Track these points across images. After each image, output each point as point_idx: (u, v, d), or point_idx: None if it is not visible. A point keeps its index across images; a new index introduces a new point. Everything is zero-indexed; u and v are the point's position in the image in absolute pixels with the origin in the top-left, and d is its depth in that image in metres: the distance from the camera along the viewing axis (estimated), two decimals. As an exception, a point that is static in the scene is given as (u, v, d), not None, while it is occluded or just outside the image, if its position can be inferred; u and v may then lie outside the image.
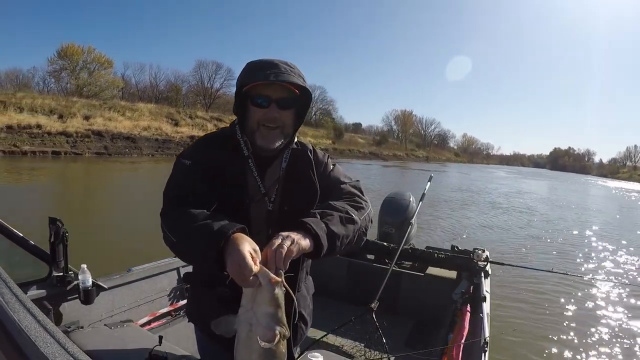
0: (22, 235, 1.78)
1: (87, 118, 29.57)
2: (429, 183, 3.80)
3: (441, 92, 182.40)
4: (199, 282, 1.23)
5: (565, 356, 4.01)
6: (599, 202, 24.19)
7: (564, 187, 35.90)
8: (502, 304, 4.94)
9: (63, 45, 41.13)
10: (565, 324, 4.72)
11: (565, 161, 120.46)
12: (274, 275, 0.80)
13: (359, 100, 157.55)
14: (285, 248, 0.85)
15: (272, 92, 1.08)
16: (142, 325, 2.25)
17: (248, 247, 0.83)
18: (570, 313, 5.05)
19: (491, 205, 16.57)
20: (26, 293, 1.73)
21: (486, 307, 2.45)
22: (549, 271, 3.36)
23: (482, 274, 2.92)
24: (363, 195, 1.21)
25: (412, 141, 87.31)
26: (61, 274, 1.91)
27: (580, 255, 8.56)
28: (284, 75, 1.05)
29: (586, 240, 10.41)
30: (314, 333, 2.50)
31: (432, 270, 3.36)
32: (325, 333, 2.32)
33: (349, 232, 1.04)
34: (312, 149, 1.27)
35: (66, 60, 41.08)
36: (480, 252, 3.10)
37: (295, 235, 0.90)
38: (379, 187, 17.22)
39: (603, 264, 7.84)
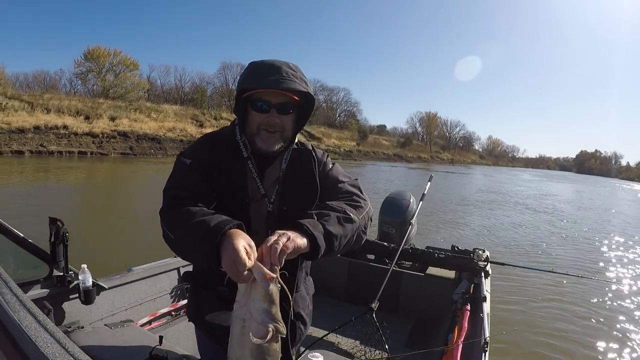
0: (22, 235, 1.78)
1: (113, 119, 30.42)
2: (429, 183, 3.80)
3: (466, 93, 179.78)
4: (199, 281, 1.23)
5: (566, 356, 4.01)
6: (621, 204, 24.06)
7: (589, 190, 35.54)
8: (503, 304, 4.94)
9: (89, 48, 42.32)
10: (566, 325, 4.71)
11: (591, 164, 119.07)
12: (268, 271, 0.79)
13: (384, 102, 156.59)
14: (281, 244, 0.84)
15: (272, 97, 1.08)
16: (143, 325, 2.25)
17: (243, 242, 0.82)
18: (572, 314, 5.04)
19: (514, 205, 16.81)
20: (26, 293, 1.74)
21: (486, 307, 2.44)
22: (550, 271, 3.35)
23: (483, 274, 2.92)
24: (362, 193, 1.20)
25: (436, 143, 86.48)
26: (61, 274, 1.91)
27: (598, 256, 8.51)
28: (286, 82, 1.04)
29: (604, 242, 10.33)
30: (314, 333, 2.50)
31: (432, 270, 3.35)
32: (326, 333, 2.32)
33: (347, 232, 1.03)
34: (312, 148, 1.27)
35: (92, 63, 42.08)
36: (480, 252, 3.10)
37: (291, 233, 0.89)
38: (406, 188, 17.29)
39: (618, 265, 7.82)
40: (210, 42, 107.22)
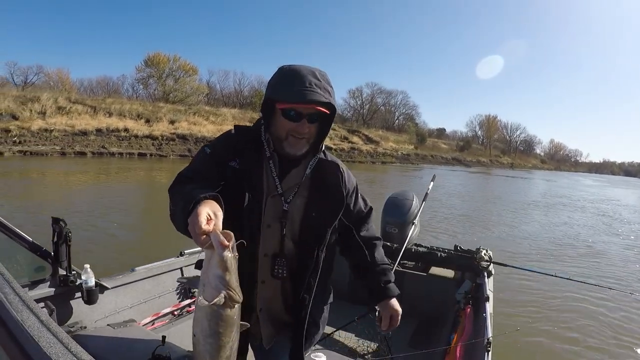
0: (25, 235, 1.78)
1: (172, 122, 31.85)
2: (432, 183, 3.79)
3: (527, 95, 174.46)
4: None
5: (568, 357, 3.99)
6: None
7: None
8: (506, 304, 4.92)
9: (149, 54, 43.82)
10: (569, 326, 4.69)
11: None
12: (223, 238, 0.81)
13: (445, 105, 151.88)
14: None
15: (304, 108, 1.11)
16: (145, 325, 2.26)
17: (207, 209, 0.87)
18: (575, 316, 5.01)
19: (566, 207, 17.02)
20: (29, 293, 1.74)
21: (489, 307, 2.44)
22: (552, 275, 3.32)
23: (485, 274, 2.91)
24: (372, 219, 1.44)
25: (496, 147, 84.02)
26: (64, 273, 1.91)
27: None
28: (309, 94, 1.08)
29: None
30: None
31: (435, 270, 3.35)
32: (329, 333, 2.32)
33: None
34: (341, 164, 1.32)
35: (153, 68, 43.55)
36: (483, 252, 3.09)
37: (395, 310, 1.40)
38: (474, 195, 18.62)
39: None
40: (268, 47, 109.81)
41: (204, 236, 0.83)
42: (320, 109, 1.10)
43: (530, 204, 17.69)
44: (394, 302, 1.36)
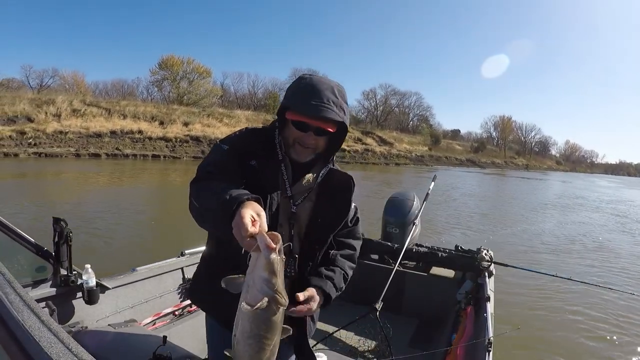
0: (26, 235, 1.78)
1: (186, 124, 32.32)
2: (432, 183, 3.78)
3: (543, 96, 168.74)
4: (222, 262, 1.24)
5: (569, 357, 3.98)
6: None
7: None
8: (507, 304, 4.91)
9: (163, 57, 44.47)
10: (570, 327, 4.68)
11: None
12: (270, 241, 0.81)
13: (459, 106, 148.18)
14: (310, 309, 1.16)
15: (312, 120, 1.13)
16: (146, 325, 2.26)
17: (251, 210, 0.87)
18: (575, 316, 5.01)
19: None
20: (30, 293, 1.75)
21: (490, 307, 2.43)
22: (553, 275, 3.32)
23: (486, 274, 2.91)
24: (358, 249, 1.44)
25: (511, 148, 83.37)
26: (65, 273, 1.92)
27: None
28: (324, 110, 1.10)
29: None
30: (318, 333, 2.50)
31: (436, 270, 3.34)
32: (330, 333, 2.32)
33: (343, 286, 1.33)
34: (353, 179, 1.34)
35: (167, 71, 44.03)
36: (484, 252, 3.08)
37: (316, 303, 1.20)
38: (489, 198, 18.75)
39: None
40: (282, 49, 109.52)
41: (250, 239, 0.82)
42: (328, 128, 1.13)
43: (546, 204, 17.90)
44: (317, 297, 1.20)
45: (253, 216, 0.86)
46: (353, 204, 1.35)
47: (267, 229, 0.86)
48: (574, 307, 5.20)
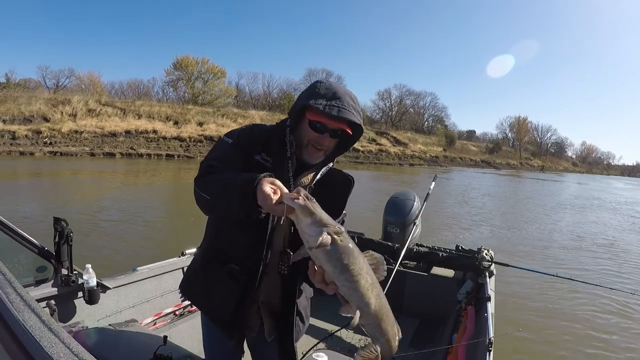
0: (27, 235, 1.79)
1: (200, 124, 32.72)
2: (433, 183, 3.78)
3: (560, 96, 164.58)
4: (214, 257, 1.30)
5: (570, 357, 3.98)
6: None
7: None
8: (507, 304, 4.91)
9: (178, 58, 44.80)
10: (571, 327, 4.67)
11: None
12: (292, 193, 0.89)
13: (474, 107, 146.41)
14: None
15: (330, 122, 1.16)
16: (147, 325, 2.26)
17: (267, 183, 0.95)
18: (576, 315, 5.00)
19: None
20: (31, 293, 1.75)
21: (491, 307, 2.43)
22: (554, 275, 3.31)
23: (487, 274, 2.90)
24: None
25: (527, 149, 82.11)
26: (66, 273, 1.92)
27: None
28: (345, 112, 1.14)
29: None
30: (318, 333, 2.50)
31: (437, 270, 3.34)
32: (330, 333, 2.32)
33: None
34: (354, 180, 1.36)
35: (182, 71, 44.41)
36: (485, 252, 3.08)
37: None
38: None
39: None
40: (297, 50, 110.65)
41: (279, 204, 0.89)
42: (346, 128, 1.17)
43: (562, 205, 18.11)
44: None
45: (272, 187, 0.93)
46: (344, 211, 1.35)
47: (287, 191, 0.93)
48: (574, 307, 5.19)
